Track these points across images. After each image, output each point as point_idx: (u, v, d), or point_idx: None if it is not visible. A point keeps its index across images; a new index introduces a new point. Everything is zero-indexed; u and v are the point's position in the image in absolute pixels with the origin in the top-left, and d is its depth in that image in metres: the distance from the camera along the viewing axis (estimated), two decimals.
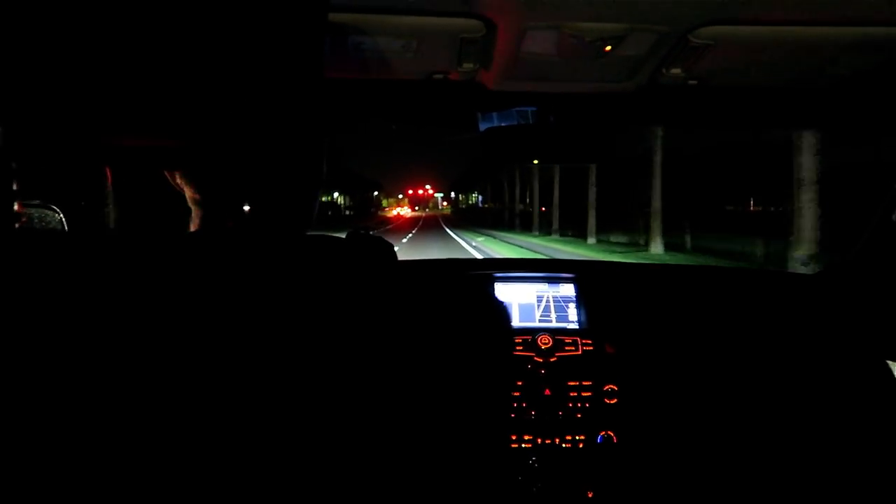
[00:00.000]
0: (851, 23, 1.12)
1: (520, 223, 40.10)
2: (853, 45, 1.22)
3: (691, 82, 1.41)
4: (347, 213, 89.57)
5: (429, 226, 51.49)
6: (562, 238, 28.06)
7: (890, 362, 1.56)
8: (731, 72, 1.37)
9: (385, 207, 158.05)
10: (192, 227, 0.78)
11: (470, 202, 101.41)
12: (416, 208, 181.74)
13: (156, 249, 0.67)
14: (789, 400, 1.61)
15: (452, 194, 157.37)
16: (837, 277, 1.79)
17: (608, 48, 1.23)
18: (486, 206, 53.25)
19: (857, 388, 1.57)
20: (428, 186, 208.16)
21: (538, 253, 17.78)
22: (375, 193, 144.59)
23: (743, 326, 1.74)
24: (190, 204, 0.78)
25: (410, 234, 33.74)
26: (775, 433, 1.59)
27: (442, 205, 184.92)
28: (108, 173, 0.76)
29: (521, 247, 22.33)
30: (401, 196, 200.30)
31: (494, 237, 30.29)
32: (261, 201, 0.76)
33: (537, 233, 32.67)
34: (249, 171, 0.74)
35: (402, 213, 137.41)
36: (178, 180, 0.78)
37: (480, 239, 27.94)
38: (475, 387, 1.65)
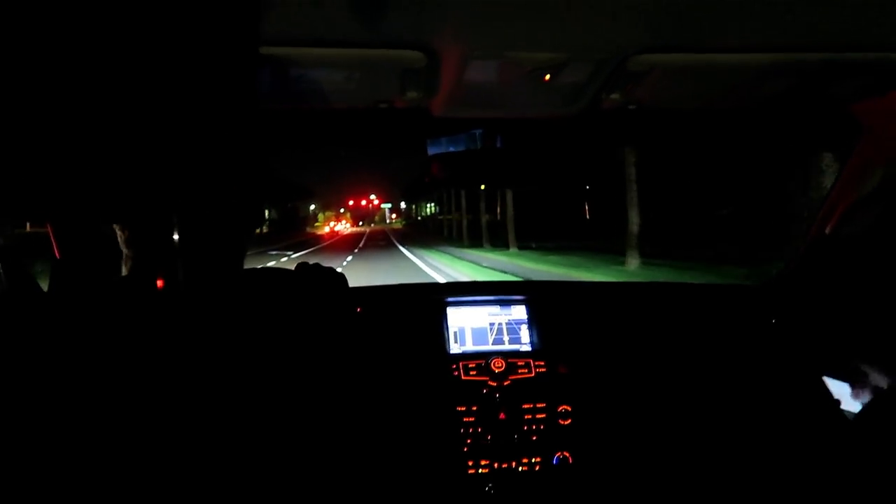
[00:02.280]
0: (774, 49, 1.18)
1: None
2: (776, 70, 1.28)
3: (630, 107, 1.45)
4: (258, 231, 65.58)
5: (375, 246, 33.30)
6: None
7: (825, 377, 1.62)
8: (666, 96, 1.42)
9: (320, 223, 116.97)
10: (125, 269, 0.76)
11: (425, 213, 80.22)
12: (361, 223, 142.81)
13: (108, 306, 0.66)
14: (738, 414, 1.64)
15: (403, 205, 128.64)
16: (777, 290, 1.86)
17: (548, 76, 1.26)
18: (450, 217, 42.68)
19: (799, 402, 1.62)
20: (373, 196, 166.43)
21: None
22: (312, 207, 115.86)
23: (690, 341, 1.78)
24: (122, 246, 0.76)
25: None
26: (727, 447, 1.62)
27: (391, 217, 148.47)
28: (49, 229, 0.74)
29: None
30: (343, 210, 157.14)
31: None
32: (195, 236, 0.74)
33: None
34: (184, 210, 0.72)
35: (338, 228, 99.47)
36: (113, 224, 0.76)
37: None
38: (425, 412, 1.64)
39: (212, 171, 0.69)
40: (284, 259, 22.45)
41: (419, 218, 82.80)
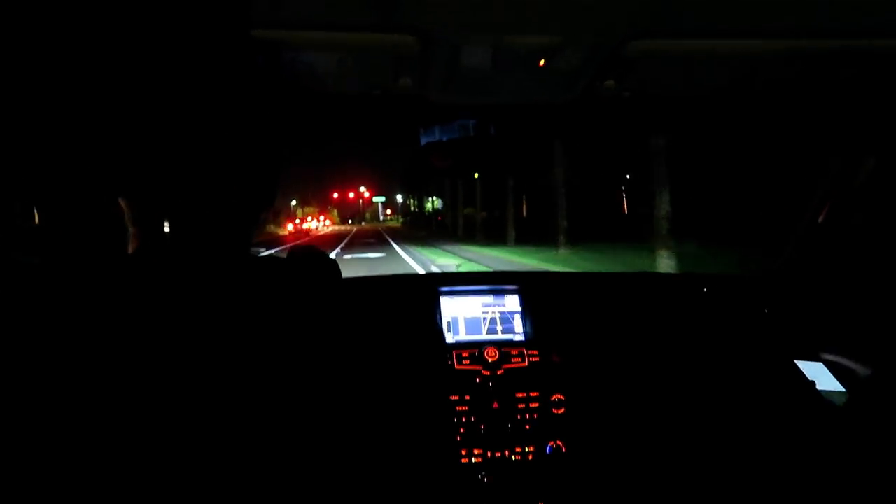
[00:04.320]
0: (772, 35, 1.17)
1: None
2: (771, 57, 1.27)
3: (625, 94, 1.44)
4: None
5: (358, 255, 18.58)
6: None
7: (804, 362, 1.63)
8: (661, 83, 1.42)
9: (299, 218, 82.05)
10: (131, 247, 0.75)
11: (429, 208, 62.61)
12: (351, 221, 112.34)
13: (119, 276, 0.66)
14: (730, 403, 1.65)
15: (399, 198, 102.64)
16: (770, 280, 1.86)
17: (542, 62, 1.25)
18: (468, 212, 31.31)
19: (791, 392, 1.62)
20: (363, 189, 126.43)
21: None
22: (293, 203, 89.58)
23: (683, 330, 1.78)
24: (128, 223, 0.75)
25: None
26: (721, 436, 1.62)
27: (385, 213, 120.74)
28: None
29: None
30: (330, 207, 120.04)
31: None
32: (193, 217, 0.73)
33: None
34: (192, 188, 0.71)
35: (313, 227, 70.69)
36: (120, 201, 0.75)
37: None
38: (419, 401, 1.63)
39: (211, 151, 0.68)
40: None
41: (426, 213, 63.83)
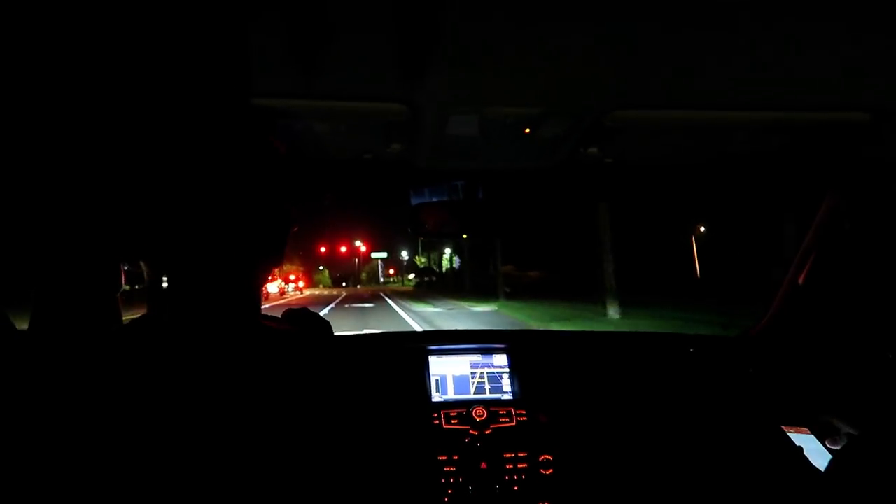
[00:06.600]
0: (745, 107, 1.24)
1: None
2: (747, 126, 1.34)
3: (607, 160, 1.51)
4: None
5: None
6: None
7: (792, 428, 1.64)
8: (642, 151, 1.48)
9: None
10: (147, 307, 0.77)
11: (446, 265, 51.65)
12: (346, 283, 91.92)
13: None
14: (718, 463, 1.64)
15: (405, 255, 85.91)
16: (754, 340, 1.89)
17: (527, 130, 1.31)
18: (507, 270, 25.71)
19: (776, 452, 1.62)
20: (359, 242, 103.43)
21: None
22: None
23: (670, 390, 1.79)
24: (148, 280, 0.77)
25: None
26: (710, 497, 1.61)
27: (388, 273, 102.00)
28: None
29: None
30: (322, 268, 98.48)
31: None
32: (209, 279, 0.75)
33: None
34: (203, 249, 0.73)
35: (274, 292, 41.84)
36: (140, 262, 0.77)
37: None
38: (406, 461, 1.62)
39: (221, 212, 0.71)
40: None
41: (448, 271, 50.01)
